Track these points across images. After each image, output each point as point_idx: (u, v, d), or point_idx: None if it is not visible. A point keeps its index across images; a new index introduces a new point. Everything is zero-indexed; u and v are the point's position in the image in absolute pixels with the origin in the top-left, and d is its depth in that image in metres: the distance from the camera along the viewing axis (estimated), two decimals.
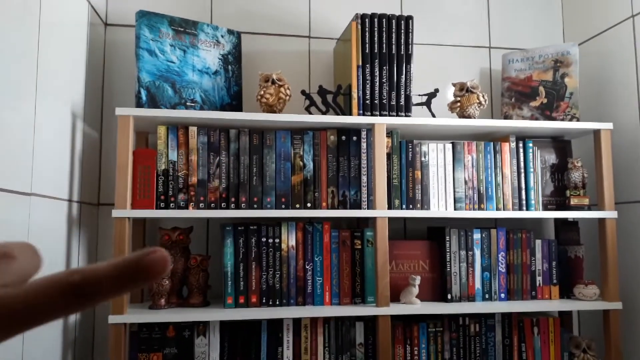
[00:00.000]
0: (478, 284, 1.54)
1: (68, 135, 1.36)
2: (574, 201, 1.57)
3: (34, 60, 1.13)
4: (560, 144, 1.68)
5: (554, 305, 1.51)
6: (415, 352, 1.49)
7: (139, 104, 1.46)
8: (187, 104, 1.51)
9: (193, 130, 1.44)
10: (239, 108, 1.60)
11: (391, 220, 1.73)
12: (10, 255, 0.25)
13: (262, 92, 1.46)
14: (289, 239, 1.47)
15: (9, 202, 1.02)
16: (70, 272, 0.24)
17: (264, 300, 1.44)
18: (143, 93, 1.47)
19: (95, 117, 1.61)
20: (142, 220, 1.59)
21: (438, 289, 1.57)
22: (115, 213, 1.33)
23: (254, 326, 1.44)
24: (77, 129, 1.43)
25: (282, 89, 1.47)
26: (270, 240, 1.46)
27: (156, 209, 1.40)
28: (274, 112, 1.48)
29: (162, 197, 1.42)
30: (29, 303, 0.23)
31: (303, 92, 1.52)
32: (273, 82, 1.47)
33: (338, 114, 1.51)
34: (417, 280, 1.49)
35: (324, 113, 1.51)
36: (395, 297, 1.53)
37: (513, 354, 1.54)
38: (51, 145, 1.24)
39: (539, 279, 1.58)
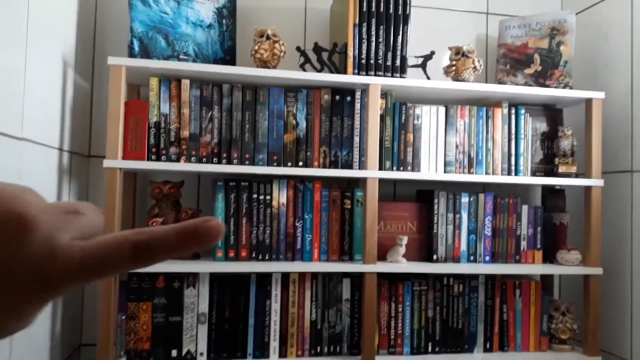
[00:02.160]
0: (464, 246, 1.58)
1: (59, 83, 1.34)
2: (562, 169, 1.59)
3: (24, 6, 1.11)
4: (552, 112, 1.69)
5: (537, 269, 1.55)
6: (400, 309, 1.53)
7: (131, 55, 1.44)
8: (180, 56, 1.49)
9: (186, 83, 1.43)
10: (232, 63, 1.59)
11: (381, 183, 1.74)
12: (79, 212, 0.28)
13: (256, 48, 1.45)
14: (280, 197, 1.48)
15: (0, 144, 1.01)
16: (137, 231, 0.27)
17: (253, 255, 1.46)
18: (136, 44, 1.45)
19: (86, 68, 1.59)
20: (133, 173, 1.59)
21: (424, 250, 1.60)
22: (107, 163, 1.33)
23: (243, 280, 1.46)
24: (68, 78, 1.42)
25: (276, 45, 1.45)
26: (261, 197, 1.48)
27: (147, 161, 1.39)
28: (268, 68, 1.46)
29: (154, 150, 1.41)
30: (101, 255, 0.26)
31: (298, 49, 1.51)
32: (268, 38, 1.46)
33: (333, 73, 1.50)
34: (404, 240, 1.52)
35: (318, 71, 1.50)
36: (382, 257, 1.55)
37: (494, 314, 1.59)
38: (42, 93, 1.23)
39: (523, 244, 1.61)
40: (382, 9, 1.49)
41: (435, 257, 1.56)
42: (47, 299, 0.26)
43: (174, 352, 1.41)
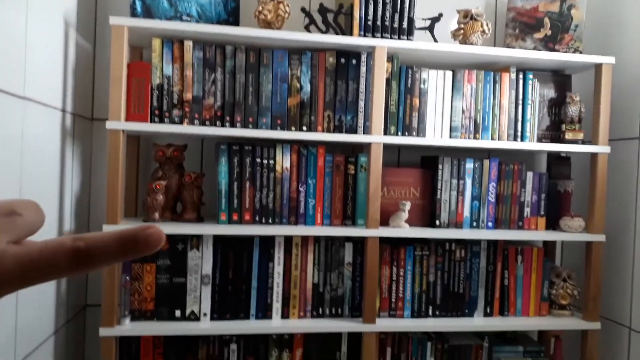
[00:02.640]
0: (467, 212, 1.58)
1: (60, 43, 1.33)
2: (568, 135, 1.58)
3: None
4: (561, 78, 1.66)
5: (539, 235, 1.56)
6: (401, 274, 1.54)
7: (133, 15, 1.42)
8: (183, 17, 1.46)
9: (188, 44, 1.41)
10: (235, 25, 1.56)
11: (385, 149, 1.73)
12: (16, 213, 0.27)
13: (260, 8, 1.42)
14: (284, 161, 1.48)
15: (3, 102, 1.01)
16: (76, 237, 0.26)
17: (256, 219, 1.47)
18: (138, 4, 1.43)
19: (88, 29, 1.57)
20: (137, 136, 1.58)
21: (427, 216, 1.61)
22: (109, 125, 1.32)
23: (246, 243, 1.48)
24: (70, 38, 1.40)
25: (281, 6, 1.42)
26: (265, 161, 1.47)
27: (150, 123, 1.39)
28: (272, 29, 1.44)
29: (157, 112, 1.41)
30: (38, 261, 0.25)
31: (303, 10, 1.48)
32: None
33: (338, 34, 1.47)
34: (407, 205, 1.52)
35: (323, 32, 1.47)
36: (385, 222, 1.56)
37: (495, 279, 1.60)
38: (43, 53, 1.21)
39: (527, 210, 1.61)
40: None
41: (437, 222, 1.56)
42: None
43: (178, 313, 1.44)
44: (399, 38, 1.47)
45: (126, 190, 1.56)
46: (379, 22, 1.46)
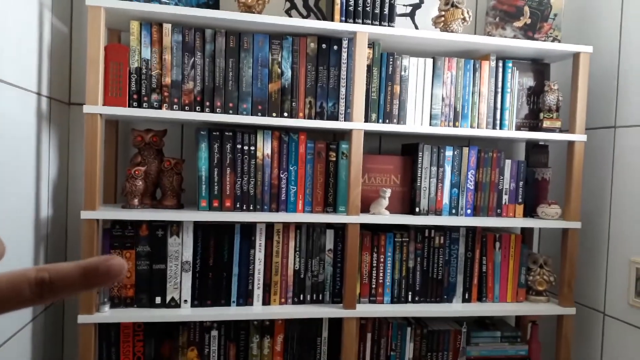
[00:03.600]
0: (446, 200, 1.59)
1: (35, 25, 1.30)
2: (546, 123, 1.60)
3: None
4: (540, 67, 1.68)
5: (517, 222, 1.58)
6: (382, 260, 1.56)
7: None
8: (162, 0, 1.44)
9: (167, 27, 1.39)
10: (215, 8, 1.54)
11: (367, 137, 1.74)
12: None
13: None
14: (265, 147, 1.47)
15: None
16: (38, 269, 0.27)
17: (237, 205, 1.46)
18: None
19: (64, 10, 1.53)
20: (115, 121, 1.56)
21: (407, 203, 1.62)
22: (87, 109, 1.30)
23: (227, 229, 1.47)
24: (45, 19, 1.36)
25: None
26: (246, 148, 1.46)
27: (129, 107, 1.37)
28: (253, 13, 1.42)
29: (135, 97, 1.38)
30: (1, 292, 0.25)
31: None
32: None
33: (319, 19, 1.46)
34: (388, 192, 1.53)
35: (304, 17, 1.46)
36: (365, 209, 1.57)
37: (474, 266, 1.62)
38: (17, 34, 1.18)
39: (505, 198, 1.63)
40: None
41: (417, 209, 1.57)
42: None
43: (158, 299, 1.43)
44: (380, 24, 1.47)
45: (105, 176, 1.54)
46: (360, 8, 1.45)
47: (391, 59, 1.52)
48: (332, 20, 1.44)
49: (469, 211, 1.61)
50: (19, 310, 1.23)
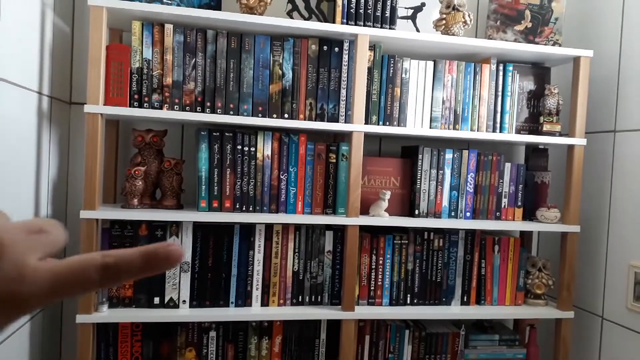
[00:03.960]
0: (445, 202, 1.59)
1: (37, 24, 1.30)
2: (546, 127, 1.60)
3: None
4: (540, 70, 1.68)
5: (516, 225, 1.58)
6: (380, 262, 1.56)
7: None
8: (164, 0, 1.44)
9: (169, 28, 1.39)
10: (217, 9, 1.54)
11: (367, 139, 1.74)
12: (44, 230, 0.28)
13: None
14: (265, 149, 1.47)
15: None
16: (104, 254, 0.28)
17: (237, 206, 1.46)
18: None
19: (66, 10, 1.53)
20: (116, 121, 1.56)
21: (406, 205, 1.62)
22: (87, 108, 1.30)
23: (227, 230, 1.47)
24: (47, 19, 1.37)
25: None
26: (246, 149, 1.46)
27: (129, 107, 1.37)
28: (254, 15, 1.42)
29: (136, 97, 1.39)
30: (68, 276, 0.27)
31: None
32: None
33: (321, 21, 1.47)
34: (387, 195, 1.53)
35: (306, 19, 1.46)
36: (365, 211, 1.57)
37: (473, 269, 1.62)
38: (19, 33, 1.18)
39: (504, 201, 1.63)
40: None
41: (417, 212, 1.58)
42: (15, 318, 0.26)
43: (157, 300, 1.43)
44: (382, 27, 1.47)
45: (105, 175, 1.54)
46: (361, 10, 1.45)
47: (392, 62, 1.53)
48: (334, 22, 1.45)
49: (468, 214, 1.61)
50: None
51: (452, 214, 1.60)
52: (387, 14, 1.47)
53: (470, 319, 1.78)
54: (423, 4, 1.55)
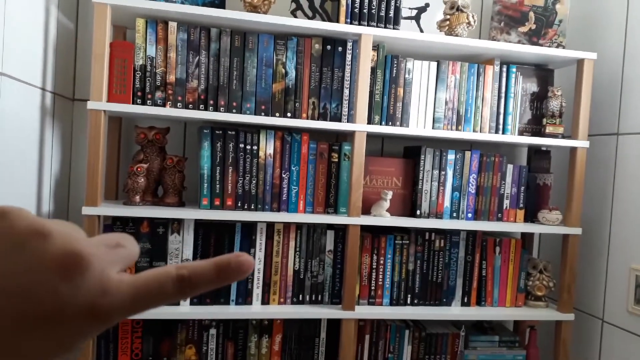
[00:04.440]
0: (447, 203, 1.59)
1: (41, 21, 1.30)
2: (549, 129, 1.60)
3: None
4: (544, 72, 1.68)
5: (518, 227, 1.58)
6: (381, 262, 1.56)
7: None
8: None
9: (173, 25, 1.39)
10: (221, 7, 1.54)
11: (369, 139, 1.74)
12: (120, 244, 0.29)
13: None
14: (267, 147, 1.48)
15: None
16: (179, 266, 0.29)
17: (239, 204, 1.46)
18: None
19: (70, 6, 1.54)
20: (119, 118, 1.56)
21: (408, 205, 1.62)
22: (91, 105, 1.30)
23: (228, 228, 1.47)
24: (51, 16, 1.37)
25: None
26: (248, 147, 1.47)
27: (132, 104, 1.37)
28: (258, 13, 1.43)
29: (139, 94, 1.39)
30: (148, 289, 0.28)
31: None
32: None
33: (325, 21, 1.47)
34: (389, 195, 1.53)
35: (310, 18, 1.46)
36: (366, 211, 1.57)
37: (474, 270, 1.62)
38: (23, 29, 1.19)
39: (506, 202, 1.63)
40: None
41: (418, 212, 1.58)
42: (97, 332, 0.27)
43: None
44: (385, 27, 1.47)
45: (107, 172, 1.54)
46: (365, 10, 1.45)
47: (395, 62, 1.52)
48: (338, 21, 1.45)
49: (469, 215, 1.61)
50: None
51: (454, 214, 1.60)
52: (391, 14, 1.47)
53: (470, 320, 1.78)
54: (427, 5, 1.55)
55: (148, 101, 1.39)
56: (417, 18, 1.54)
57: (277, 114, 1.46)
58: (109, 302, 0.26)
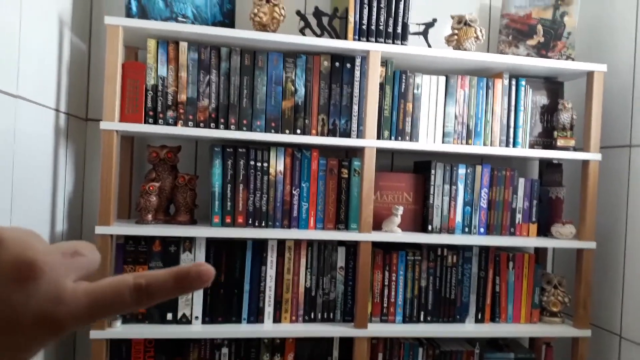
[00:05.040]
0: (459, 218, 1.58)
1: (55, 42, 1.33)
2: (560, 142, 1.59)
3: None
4: (553, 85, 1.67)
5: (531, 241, 1.56)
6: (393, 278, 1.54)
7: (129, 15, 1.42)
8: (178, 19, 1.47)
9: (184, 45, 1.41)
10: (231, 27, 1.56)
11: (379, 154, 1.74)
12: (79, 253, 0.29)
13: (255, 11, 1.42)
14: (277, 164, 1.48)
15: None
16: (135, 275, 0.29)
17: (250, 221, 1.46)
18: (133, 4, 1.43)
19: (83, 28, 1.57)
20: (131, 137, 1.58)
21: (419, 221, 1.61)
22: (103, 125, 1.32)
23: (239, 246, 1.47)
24: (65, 38, 1.39)
25: (276, 9, 1.43)
26: (259, 164, 1.47)
27: (144, 124, 1.38)
28: (267, 32, 1.44)
29: (151, 113, 1.40)
30: (103, 297, 0.28)
31: (298, 13, 1.48)
32: (268, 1, 1.43)
33: (333, 38, 1.48)
34: (400, 210, 1.52)
35: (318, 36, 1.48)
36: (377, 227, 1.56)
37: (487, 285, 1.60)
38: (37, 51, 1.21)
39: (518, 217, 1.62)
40: None
41: (430, 227, 1.56)
42: (50, 340, 0.27)
43: (169, 316, 1.43)
44: (393, 43, 1.48)
45: (120, 191, 1.55)
46: (373, 27, 1.46)
47: (404, 77, 1.53)
48: (346, 38, 1.46)
49: (482, 230, 1.59)
50: None
51: (466, 229, 1.59)
52: (399, 30, 1.48)
53: (484, 337, 1.75)
54: (435, 20, 1.55)
55: (160, 120, 1.40)
56: (424, 33, 1.55)
57: (287, 131, 1.46)
58: (64, 310, 0.26)
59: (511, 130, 1.59)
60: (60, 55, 1.37)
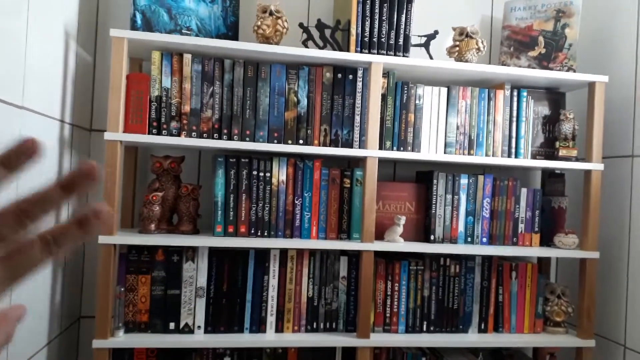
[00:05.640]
0: (461, 228, 1.58)
1: (60, 54, 1.34)
2: (562, 152, 1.59)
3: None
4: (555, 96, 1.68)
5: (534, 251, 1.56)
6: (396, 288, 1.54)
7: (133, 28, 1.44)
8: (183, 31, 1.48)
9: (187, 57, 1.43)
10: (234, 39, 1.58)
11: (381, 164, 1.75)
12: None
13: (259, 23, 1.44)
14: (280, 174, 1.49)
15: (1, 112, 1.02)
16: (18, 202, 0.32)
17: (252, 231, 1.47)
18: (138, 17, 1.45)
19: (89, 40, 1.59)
20: (135, 147, 1.59)
21: (422, 230, 1.61)
22: (108, 136, 1.33)
23: (242, 255, 1.48)
24: (70, 49, 1.41)
25: (279, 21, 1.45)
26: (261, 174, 1.48)
27: (148, 135, 1.40)
28: (270, 44, 1.46)
29: (155, 124, 1.42)
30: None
31: (301, 25, 1.50)
32: (271, 14, 1.45)
33: (335, 50, 1.50)
34: (402, 220, 1.52)
35: (321, 48, 1.49)
36: (380, 237, 1.56)
37: (490, 295, 1.60)
38: (43, 63, 1.23)
39: (521, 226, 1.62)
40: None
41: (432, 237, 1.57)
42: None
43: (172, 325, 1.43)
44: (395, 54, 1.49)
45: (123, 201, 1.57)
46: (375, 39, 1.48)
47: (406, 88, 1.54)
48: (348, 50, 1.47)
49: (484, 240, 1.59)
50: (34, 334, 1.24)
51: (468, 239, 1.59)
52: (401, 42, 1.50)
53: (488, 347, 1.74)
54: (436, 32, 1.57)
55: (163, 131, 1.42)
56: (426, 45, 1.56)
57: (290, 142, 1.47)
58: None
59: (513, 140, 1.60)
60: (66, 66, 1.39)
